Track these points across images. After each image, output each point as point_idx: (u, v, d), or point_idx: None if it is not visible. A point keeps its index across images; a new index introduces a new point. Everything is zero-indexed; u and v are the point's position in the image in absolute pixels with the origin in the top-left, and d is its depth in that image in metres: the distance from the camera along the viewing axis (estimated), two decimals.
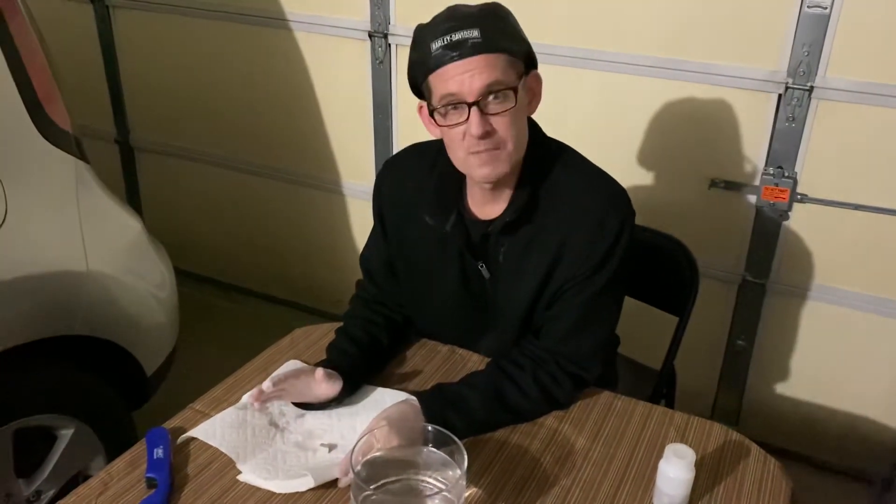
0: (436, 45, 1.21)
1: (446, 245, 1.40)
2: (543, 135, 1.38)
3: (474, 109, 1.22)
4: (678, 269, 1.73)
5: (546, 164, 1.34)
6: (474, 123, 1.22)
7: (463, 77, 1.21)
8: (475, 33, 1.19)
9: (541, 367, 1.35)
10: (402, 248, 1.48)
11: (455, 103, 1.23)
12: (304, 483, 1.18)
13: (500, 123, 1.24)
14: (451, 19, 1.22)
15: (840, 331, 2.19)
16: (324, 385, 1.32)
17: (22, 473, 1.71)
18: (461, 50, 1.20)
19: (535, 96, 1.32)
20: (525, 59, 1.27)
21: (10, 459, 1.65)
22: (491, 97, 1.22)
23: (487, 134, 1.24)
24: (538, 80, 1.32)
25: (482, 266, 1.40)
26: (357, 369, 1.40)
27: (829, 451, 2.31)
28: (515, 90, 1.23)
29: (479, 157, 1.26)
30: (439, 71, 1.22)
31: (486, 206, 1.36)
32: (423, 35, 1.24)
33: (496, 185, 1.32)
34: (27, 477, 1.72)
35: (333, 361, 1.38)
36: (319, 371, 1.31)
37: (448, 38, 1.20)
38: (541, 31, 2.20)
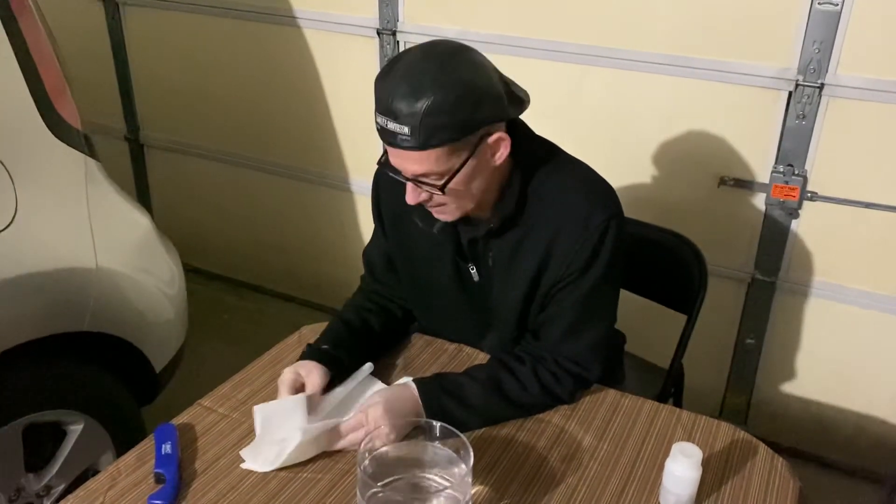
0: (376, 118, 1.18)
1: (440, 246, 1.40)
2: (530, 137, 1.34)
3: (409, 183, 1.23)
4: (686, 267, 1.73)
5: (532, 167, 1.32)
6: (407, 194, 1.25)
7: (397, 160, 1.21)
8: (405, 131, 1.14)
9: (541, 365, 1.35)
10: (401, 247, 1.48)
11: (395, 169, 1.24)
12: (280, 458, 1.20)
13: (437, 195, 1.24)
14: (389, 97, 1.14)
15: (850, 329, 2.18)
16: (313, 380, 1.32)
17: (32, 468, 1.72)
18: (393, 141, 1.17)
19: (496, 152, 1.24)
20: (480, 128, 1.19)
21: (20, 454, 1.66)
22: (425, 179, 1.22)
23: (422, 202, 1.26)
24: (500, 140, 1.23)
25: (472, 269, 1.40)
26: (344, 344, 1.41)
27: (838, 451, 2.30)
28: (454, 174, 1.20)
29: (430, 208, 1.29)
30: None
31: (475, 208, 1.33)
32: (375, 91, 1.19)
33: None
34: (37, 472, 1.73)
35: (319, 340, 1.42)
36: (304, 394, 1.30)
37: (383, 124, 1.17)
38: (550, 29, 2.21)
